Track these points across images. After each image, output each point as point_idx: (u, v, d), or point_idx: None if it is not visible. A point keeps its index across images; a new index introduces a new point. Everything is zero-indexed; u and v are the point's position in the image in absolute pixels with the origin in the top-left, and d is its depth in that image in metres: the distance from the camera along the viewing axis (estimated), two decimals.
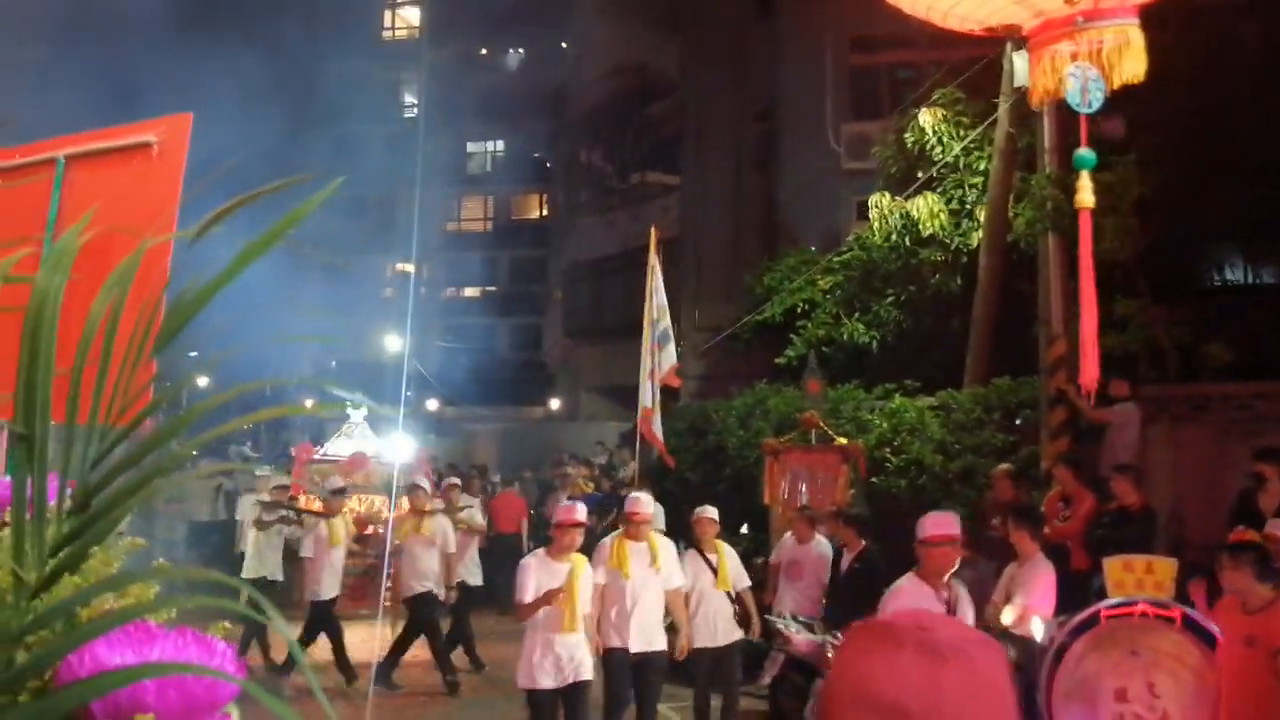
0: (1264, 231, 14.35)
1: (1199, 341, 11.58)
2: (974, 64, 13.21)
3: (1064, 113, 10.93)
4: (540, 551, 7.44)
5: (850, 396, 13.46)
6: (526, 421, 33.02)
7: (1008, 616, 7.27)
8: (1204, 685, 5.96)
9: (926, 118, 14.35)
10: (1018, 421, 12.32)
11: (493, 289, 42.35)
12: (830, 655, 6.60)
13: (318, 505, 12.35)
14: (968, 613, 6.24)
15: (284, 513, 11.82)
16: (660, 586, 7.77)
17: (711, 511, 8.69)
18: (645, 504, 8.00)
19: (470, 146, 42.32)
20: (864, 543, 9.16)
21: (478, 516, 13.28)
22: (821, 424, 12.12)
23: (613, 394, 23.51)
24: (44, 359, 0.84)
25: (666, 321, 11.75)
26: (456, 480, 13.90)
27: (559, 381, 31.45)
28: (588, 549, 7.86)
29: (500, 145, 42.25)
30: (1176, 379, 11.53)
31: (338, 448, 13.95)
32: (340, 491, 11.54)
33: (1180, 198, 12.04)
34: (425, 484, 11.70)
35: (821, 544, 9.81)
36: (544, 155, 38.57)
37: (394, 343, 29.05)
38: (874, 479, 12.24)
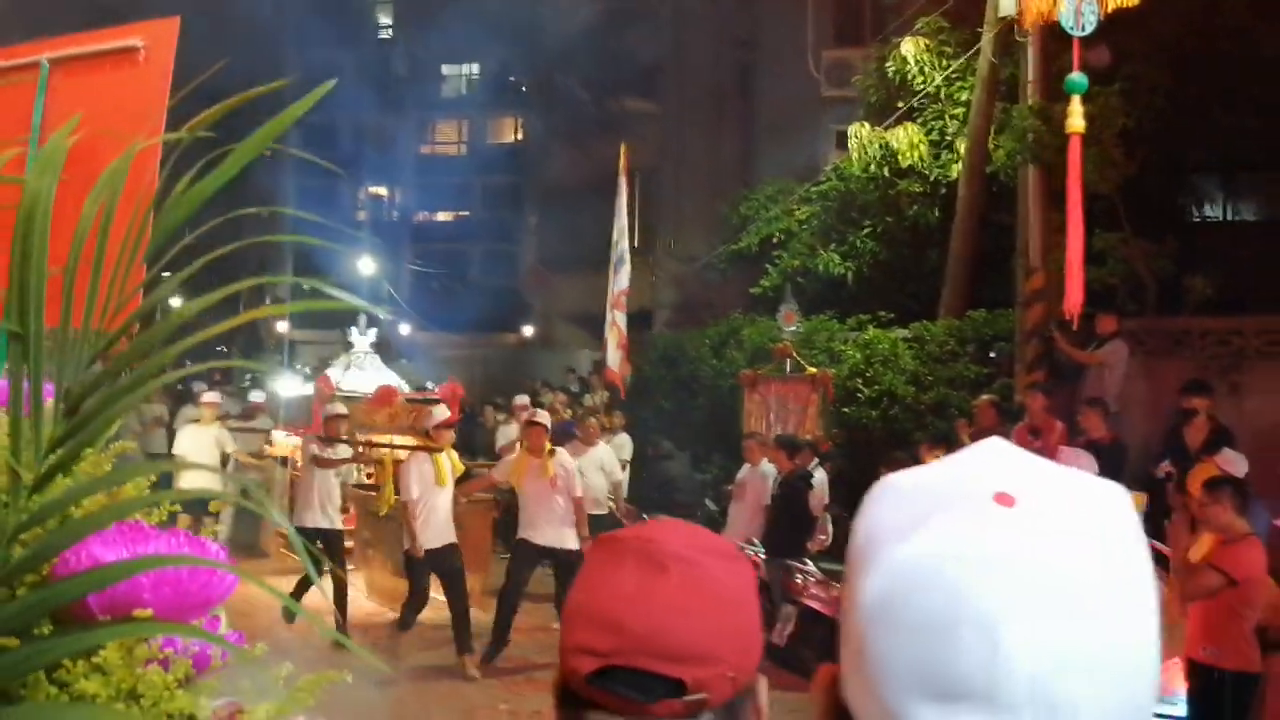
0: (1247, 166, 14.36)
1: (1179, 275, 11.61)
2: None
3: (1048, 42, 10.85)
4: None
5: (824, 327, 13.51)
6: (500, 348, 32.94)
7: None
8: (1170, 618, 6.10)
9: (909, 46, 14.19)
10: (992, 354, 12.38)
11: (466, 214, 41.90)
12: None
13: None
14: None
15: (352, 449, 9.71)
16: None
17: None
18: None
19: (445, 69, 41.60)
20: (794, 465, 9.29)
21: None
22: (795, 354, 12.18)
23: (587, 321, 23.47)
24: (36, 260, 0.84)
25: (625, 244, 11.69)
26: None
27: (533, 308, 31.37)
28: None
29: (476, 69, 41.53)
30: (1155, 313, 11.56)
31: (350, 381, 12.52)
32: (447, 425, 9.12)
33: (1164, 130, 11.98)
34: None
35: (765, 467, 10.02)
36: (520, 80, 37.98)
37: (368, 266, 28.71)
38: (845, 409, 12.33)
